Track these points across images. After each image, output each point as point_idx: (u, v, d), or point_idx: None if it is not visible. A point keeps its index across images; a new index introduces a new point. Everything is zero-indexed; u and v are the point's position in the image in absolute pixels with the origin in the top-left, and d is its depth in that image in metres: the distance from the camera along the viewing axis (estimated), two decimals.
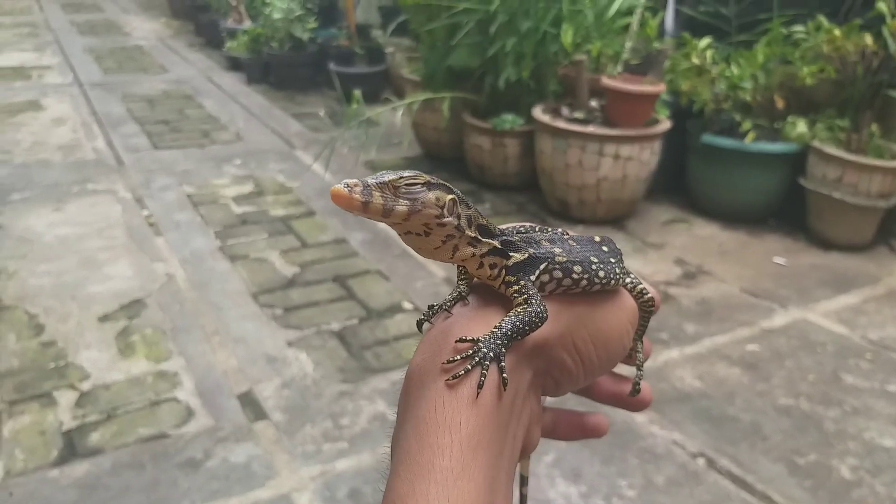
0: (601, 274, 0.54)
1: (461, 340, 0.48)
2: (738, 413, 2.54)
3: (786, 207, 4.12)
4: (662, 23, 4.74)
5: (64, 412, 2.48)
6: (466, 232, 0.50)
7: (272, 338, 2.94)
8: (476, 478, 0.42)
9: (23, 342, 2.86)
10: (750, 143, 3.90)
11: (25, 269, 3.41)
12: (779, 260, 3.73)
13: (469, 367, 0.46)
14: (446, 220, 0.49)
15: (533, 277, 0.52)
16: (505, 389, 0.46)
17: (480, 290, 0.54)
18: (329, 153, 4.30)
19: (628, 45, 4.25)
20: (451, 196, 0.49)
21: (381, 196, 0.46)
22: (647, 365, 2.60)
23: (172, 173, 4.73)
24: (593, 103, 4.11)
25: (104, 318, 3.05)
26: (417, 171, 0.48)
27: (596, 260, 0.55)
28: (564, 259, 0.53)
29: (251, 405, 2.54)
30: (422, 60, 4.90)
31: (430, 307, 0.55)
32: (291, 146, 5.36)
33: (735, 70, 4.02)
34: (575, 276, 0.53)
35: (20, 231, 3.80)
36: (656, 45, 4.28)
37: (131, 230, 3.88)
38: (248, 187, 4.54)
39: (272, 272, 3.49)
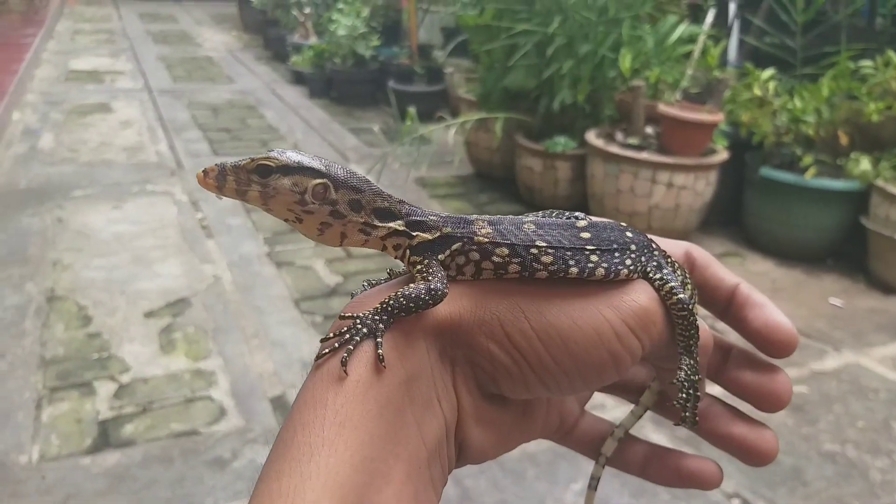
0: (545, 260, 0.48)
1: (343, 317, 0.45)
2: (780, 455, 2.42)
3: (845, 247, 3.97)
4: (725, 52, 4.66)
5: (102, 402, 2.53)
6: (350, 217, 0.48)
7: (309, 344, 2.96)
8: (340, 453, 0.39)
9: (70, 332, 2.94)
10: (810, 178, 3.78)
11: (80, 263, 3.52)
12: (835, 301, 3.59)
13: (336, 345, 0.44)
14: (310, 206, 0.47)
15: (441, 256, 0.48)
16: (383, 364, 0.42)
17: None
18: (381, 168, 4.34)
19: (688, 72, 4.19)
20: (317, 181, 0.47)
21: (236, 181, 0.47)
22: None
23: None
24: (649, 130, 4.06)
25: (150, 314, 3.12)
26: (281, 152, 0.47)
27: (543, 244, 0.48)
28: (486, 240, 0.48)
29: (282, 409, 2.55)
30: (479, 80, 4.92)
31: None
32: (346, 160, 5.43)
33: (798, 103, 3.92)
34: (497, 258, 0.48)
35: (79, 226, 3.93)
36: (717, 73, 4.20)
37: (184, 231, 3.97)
38: None
39: (315, 280, 3.52)
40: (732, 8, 4.89)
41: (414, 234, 0.49)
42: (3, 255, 3.53)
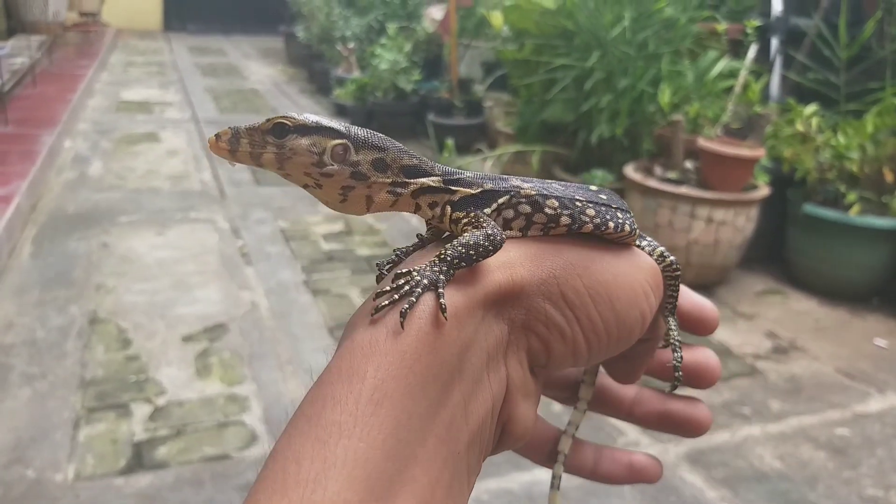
0: (590, 212, 0.47)
1: (399, 274, 0.41)
2: (819, 499, 2.35)
3: (892, 286, 3.87)
4: (767, 87, 4.62)
5: (137, 424, 2.57)
6: (374, 179, 0.45)
7: None
8: (372, 438, 0.34)
9: (110, 354, 3.00)
10: (855, 215, 3.71)
11: (123, 287, 3.60)
12: (880, 342, 3.49)
13: (396, 297, 0.39)
14: (329, 168, 0.44)
15: (488, 210, 0.46)
16: (445, 317, 0.38)
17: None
18: None
19: (729, 107, 4.16)
20: (336, 142, 0.44)
21: (250, 143, 0.44)
22: (723, 439, 2.44)
23: (270, 208, 4.92)
24: (688, 165, 4.03)
25: (187, 339, 3.16)
26: (298, 113, 0.44)
27: (583, 198, 0.47)
28: (533, 192, 0.47)
29: None
30: (517, 114, 4.96)
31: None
32: None
33: (842, 139, 3.86)
34: (549, 210, 0.46)
35: (123, 251, 4.03)
36: (758, 109, 4.17)
37: (224, 258, 4.04)
38: (338, 226, 4.66)
39: (350, 308, 3.54)
40: (774, 44, 4.87)
41: (454, 189, 0.47)
42: (49, 278, 3.63)
